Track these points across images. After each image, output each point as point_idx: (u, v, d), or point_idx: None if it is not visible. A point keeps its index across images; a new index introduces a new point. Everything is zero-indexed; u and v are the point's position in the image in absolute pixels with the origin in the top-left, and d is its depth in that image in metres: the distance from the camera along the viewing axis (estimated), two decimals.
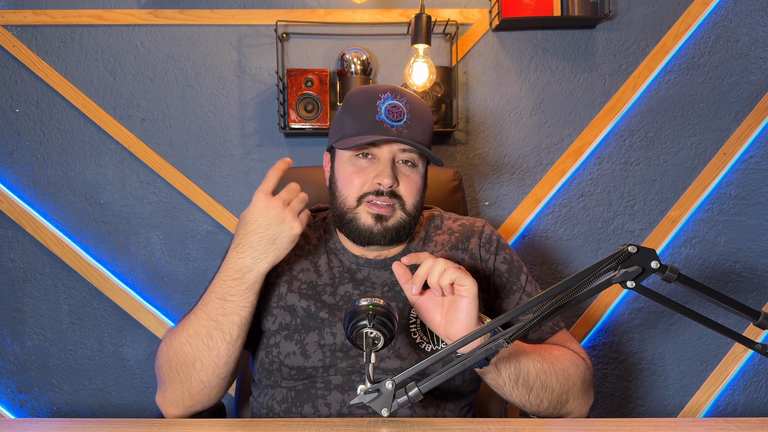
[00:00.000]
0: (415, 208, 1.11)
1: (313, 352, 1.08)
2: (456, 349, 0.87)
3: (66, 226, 1.85)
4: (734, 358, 1.89)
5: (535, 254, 1.89)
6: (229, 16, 1.84)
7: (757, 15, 1.88)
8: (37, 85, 1.84)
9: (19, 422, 1.14)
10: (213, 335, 1.00)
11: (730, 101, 1.89)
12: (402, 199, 1.09)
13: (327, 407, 1.07)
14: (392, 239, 1.10)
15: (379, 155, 1.10)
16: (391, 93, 1.11)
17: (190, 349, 1.01)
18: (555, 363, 1.05)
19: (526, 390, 1.01)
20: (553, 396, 1.04)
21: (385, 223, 1.09)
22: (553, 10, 1.77)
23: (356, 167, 1.10)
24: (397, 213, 1.09)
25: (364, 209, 1.09)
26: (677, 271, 0.86)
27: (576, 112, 1.88)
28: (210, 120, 1.86)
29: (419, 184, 1.12)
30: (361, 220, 1.09)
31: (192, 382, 1.02)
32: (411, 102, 1.11)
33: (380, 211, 1.08)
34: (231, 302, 1.00)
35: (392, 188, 1.08)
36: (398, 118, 1.08)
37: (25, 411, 1.87)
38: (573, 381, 1.06)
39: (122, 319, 1.85)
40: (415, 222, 1.13)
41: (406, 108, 1.10)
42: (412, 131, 1.08)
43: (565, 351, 1.10)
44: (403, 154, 1.10)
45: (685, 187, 1.89)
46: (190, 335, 1.01)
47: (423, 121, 1.11)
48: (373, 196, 1.08)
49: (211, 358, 1.01)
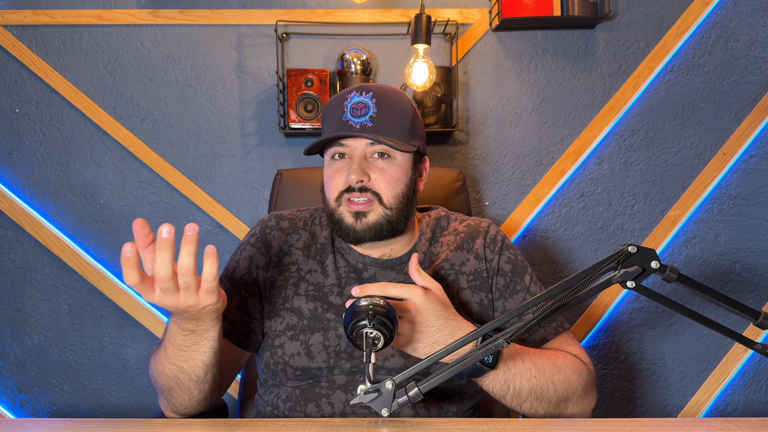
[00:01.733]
0: (396, 200, 1.10)
1: (318, 353, 1.08)
2: (456, 349, 0.87)
3: (66, 226, 1.85)
4: (734, 358, 1.89)
5: (535, 254, 1.89)
6: (229, 16, 1.84)
7: (757, 15, 1.88)
8: (37, 85, 1.84)
9: (19, 422, 1.14)
10: (179, 377, 0.97)
11: (730, 101, 1.89)
12: (377, 193, 1.09)
13: (331, 406, 1.07)
14: (377, 234, 1.10)
15: (351, 153, 1.11)
16: (357, 91, 1.11)
17: (165, 381, 0.99)
18: (556, 375, 1.05)
19: (517, 402, 1.03)
20: (549, 405, 1.05)
21: (364, 220, 1.09)
22: (553, 10, 1.77)
23: (333, 169, 1.12)
24: (375, 208, 1.09)
25: (344, 209, 1.10)
26: (677, 271, 0.86)
27: (576, 112, 1.88)
28: (210, 120, 1.86)
29: (396, 175, 1.11)
30: (345, 220, 1.10)
31: (176, 402, 1.02)
32: (378, 95, 1.11)
33: (357, 207, 1.09)
34: (188, 351, 0.94)
35: (363, 183, 1.08)
36: (362, 114, 1.09)
37: (25, 411, 1.87)
38: (573, 389, 1.06)
39: (122, 319, 1.85)
40: (403, 215, 1.12)
41: (372, 102, 1.10)
42: (378, 124, 1.08)
43: (570, 359, 1.10)
44: (373, 148, 1.10)
45: (685, 187, 1.89)
46: (159, 372, 0.99)
47: (394, 112, 1.11)
48: (348, 194, 1.09)
49: (184, 392, 0.99)
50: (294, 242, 1.18)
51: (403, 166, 1.12)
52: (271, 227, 1.18)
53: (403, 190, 1.12)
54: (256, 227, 1.20)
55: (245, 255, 1.16)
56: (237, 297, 1.12)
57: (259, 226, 1.19)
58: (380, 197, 1.09)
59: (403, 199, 1.11)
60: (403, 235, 1.16)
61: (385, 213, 1.10)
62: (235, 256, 1.17)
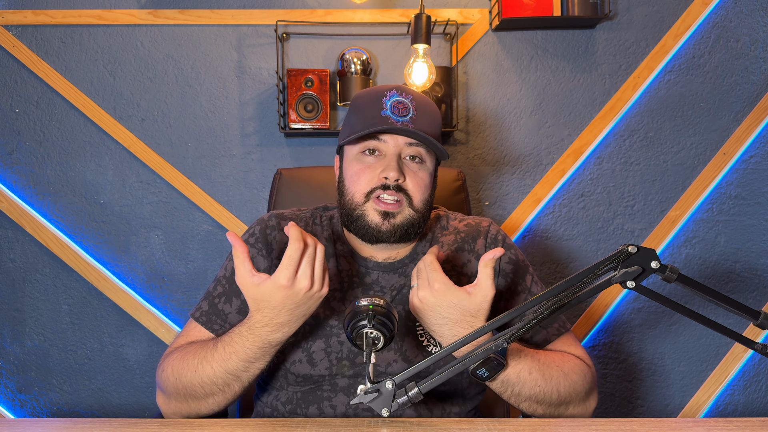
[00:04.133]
0: (424, 205, 1.10)
1: (320, 360, 1.07)
2: (456, 349, 0.87)
3: (66, 226, 1.85)
4: (734, 358, 1.89)
5: (535, 254, 1.89)
6: (229, 16, 1.84)
7: (757, 15, 1.88)
8: (37, 85, 1.84)
9: (19, 422, 1.14)
10: (231, 385, 1.01)
11: (730, 101, 1.89)
12: (409, 195, 1.08)
13: (332, 409, 1.06)
14: (401, 237, 1.09)
15: (385, 151, 1.09)
16: (397, 90, 1.11)
17: (203, 391, 1.01)
18: (562, 381, 1.04)
19: (515, 402, 1.04)
20: (549, 408, 1.05)
21: (392, 220, 1.07)
22: (553, 10, 1.77)
23: (363, 164, 1.10)
24: (404, 209, 1.08)
25: (371, 206, 1.08)
26: (677, 271, 0.86)
27: (576, 112, 1.88)
28: (210, 120, 1.86)
29: (427, 180, 1.11)
30: (369, 218, 1.08)
31: (201, 409, 1.03)
32: (417, 99, 1.11)
33: (387, 207, 1.07)
34: (256, 364, 1.00)
35: (398, 182, 1.07)
36: (404, 114, 1.08)
37: (25, 411, 1.87)
38: (577, 393, 1.07)
39: (122, 319, 1.85)
40: (425, 220, 1.12)
41: (412, 104, 1.10)
42: (418, 126, 1.08)
43: (576, 363, 1.09)
44: (410, 149, 1.09)
45: (685, 187, 1.89)
46: (204, 382, 1.00)
47: (429, 117, 1.11)
48: (380, 191, 1.07)
49: (226, 399, 1.02)
50: None
51: (431, 172, 1.13)
52: (271, 227, 1.15)
53: (430, 195, 1.12)
54: (256, 226, 1.16)
55: None
56: (237, 300, 1.10)
57: (258, 225, 1.15)
58: (411, 199, 1.08)
59: (428, 204, 1.12)
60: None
61: (412, 216, 1.09)
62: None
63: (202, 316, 1.10)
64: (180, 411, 1.05)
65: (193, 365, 1.01)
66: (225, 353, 0.99)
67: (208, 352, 1.00)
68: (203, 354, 1.01)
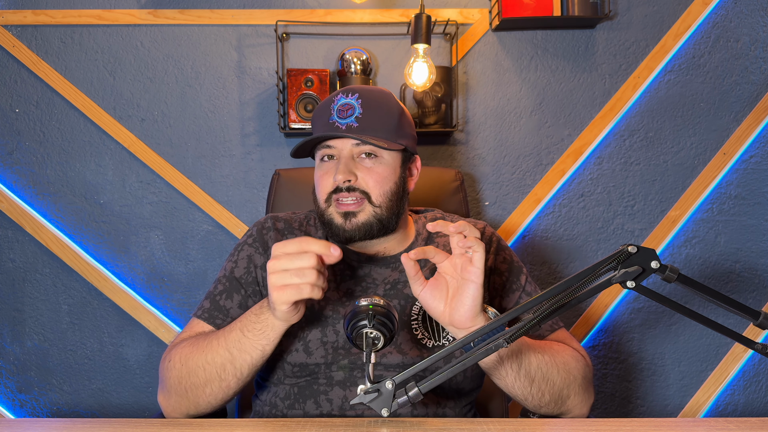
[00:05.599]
0: (385, 198, 1.11)
1: (316, 349, 1.09)
2: (456, 349, 0.87)
3: (66, 226, 1.85)
4: (734, 358, 1.89)
5: (535, 254, 1.89)
6: (229, 16, 1.84)
7: (757, 15, 1.88)
8: (37, 85, 1.84)
9: (19, 422, 1.14)
10: (226, 368, 1.01)
11: (730, 101, 1.89)
12: (366, 192, 1.10)
13: (329, 403, 1.08)
14: (367, 233, 1.11)
15: (338, 155, 1.12)
16: (343, 93, 1.14)
17: (204, 374, 1.02)
18: (556, 356, 1.06)
19: (528, 381, 1.02)
20: (554, 389, 1.04)
21: (354, 219, 1.10)
22: (553, 10, 1.77)
23: (321, 170, 1.15)
24: (365, 207, 1.10)
25: (333, 209, 1.12)
26: (677, 271, 0.86)
27: (576, 112, 1.88)
28: (210, 120, 1.86)
29: (385, 174, 1.12)
30: (335, 221, 1.12)
31: (199, 401, 1.04)
32: (364, 96, 1.13)
33: (346, 208, 1.10)
34: (247, 339, 1.01)
35: (350, 183, 1.10)
36: (348, 115, 1.11)
37: (25, 411, 1.87)
38: (574, 375, 1.07)
39: (122, 319, 1.85)
40: (393, 213, 1.13)
41: (357, 103, 1.12)
42: (363, 125, 1.10)
43: (565, 346, 1.12)
44: (360, 148, 1.11)
45: (685, 187, 1.89)
46: (206, 361, 1.02)
47: (379, 112, 1.12)
48: (336, 194, 1.11)
49: (221, 389, 1.03)
50: None
51: (391, 164, 1.13)
52: (267, 228, 1.20)
53: (392, 188, 1.13)
54: (253, 228, 1.22)
55: (243, 255, 1.18)
56: (237, 296, 1.14)
57: (255, 227, 1.21)
58: (369, 196, 1.10)
59: (393, 197, 1.12)
60: (395, 233, 1.17)
61: (374, 212, 1.11)
62: (233, 257, 1.19)
63: (204, 313, 1.14)
64: (179, 406, 1.06)
65: (202, 346, 1.04)
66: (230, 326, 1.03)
67: (219, 333, 1.04)
68: (214, 335, 1.05)
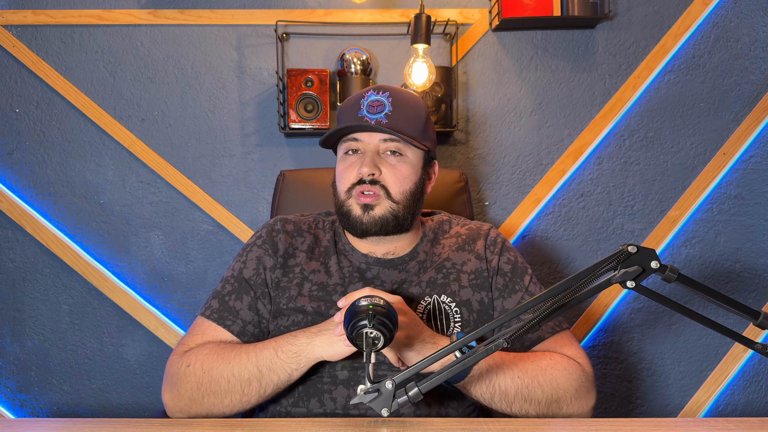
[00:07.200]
0: (404, 196, 1.14)
1: None
2: (456, 349, 0.87)
3: (66, 226, 1.85)
4: (734, 358, 1.89)
5: (535, 254, 1.89)
6: (229, 16, 1.84)
7: (757, 15, 1.88)
8: (37, 85, 1.84)
9: (19, 422, 1.14)
10: (252, 383, 1.02)
11: (730, 101, 1.89)
12: (386, 188, 1.12)
13: (333, 402, 1.08)
14: (383, 227, 1.13)
15: (364, 149, 1.14)
16: (374, 90, 1.16)
17: (227, 385, 1.03)
18: (540, 375, 1.06)
19: (506, 404, 1.05)
20: (540, 406, 1.05)
21: (372, 212, 1.12)
22: (553, 10, 1.77)
23: (345, 163, 1.16)
24: (383, 201, 1.12)
25: (354, 201, 1.14)
26: (677, 271, 0.86)
27: (576, 112, 1.88)
28: (210, 120, 1.86)
29: (407, 172, 1.14)
30: (353, 212, 1.13)
31: (214, 409, 1.05)
32: (394, 95, 1.15)
33: (366, 200, 1.12)
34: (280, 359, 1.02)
35: (374, 177, 1.12)
36: (378, 111, 1.13)
37: (25, 411, 1.87)
38: (564, 389, 1.07)
39: (122, 319, 1.85)
40: (410, 211, 1.15)
41: (388, 101, 1.13)
42: (392, 121, 1.12)
43: (557, 359, 1.10)
44: (387, 144, 1.14)
45: (685, 187, 1.89)
46: (232, 373, 1.03)
47: (408, 112, 1.14)
48: (359, 186, 1.12)
49: (241, 402, 1.04)
50: (299, 245, 1.20)
51: (414, 164, 1.16)
52: (277, 230, 1.21)
53: (411, 187, 1.15)
54: (262, 230, 1.22)
55: (252, 256, 1.18)
56: (247, 297, 1.15)
57: (265, 228, 1.22)
58: (389, 191, 1.13)
59: (411, 197, 1.15)
60: (408, 233, 1.19)
61: (391, 207, 1.13)
62: (241, 257, 1.19)
63: (214, 313, 1.14)
64: (189, 410, 1.06)
65: (228, 358, 1.04)
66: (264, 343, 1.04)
67: (250, 347, 1.05)
68: (243, 348, 1.05)
